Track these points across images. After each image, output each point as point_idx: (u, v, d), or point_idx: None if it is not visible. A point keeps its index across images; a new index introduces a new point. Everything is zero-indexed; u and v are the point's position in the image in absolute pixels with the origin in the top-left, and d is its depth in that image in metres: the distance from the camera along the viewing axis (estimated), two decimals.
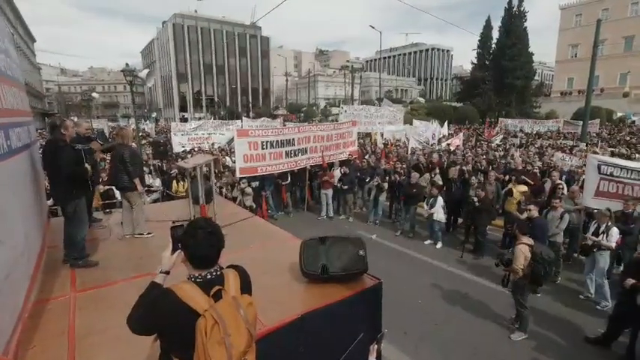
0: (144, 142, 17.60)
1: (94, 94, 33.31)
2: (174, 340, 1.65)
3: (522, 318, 5.12)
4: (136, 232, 4.34)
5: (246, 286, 1.82)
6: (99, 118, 47.23)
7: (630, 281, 4.40)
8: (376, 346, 2.38)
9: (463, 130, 24.65)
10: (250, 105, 68.36)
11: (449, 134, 20.74)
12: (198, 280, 1.68)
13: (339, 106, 21.75)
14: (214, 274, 1.71)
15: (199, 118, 43.82)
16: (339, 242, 3.22)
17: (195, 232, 1.68)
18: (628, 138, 21.09)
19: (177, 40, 66.38)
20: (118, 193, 8.83)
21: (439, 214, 8.20)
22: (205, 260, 1.71)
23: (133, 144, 5.45)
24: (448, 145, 15.80)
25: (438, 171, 10.32)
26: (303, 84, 69.28)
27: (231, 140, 11.09)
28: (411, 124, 20.62)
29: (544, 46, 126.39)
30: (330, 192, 10.57)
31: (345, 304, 2.89)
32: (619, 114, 38.97)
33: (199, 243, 1.66)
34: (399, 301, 5.99)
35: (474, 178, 8.88)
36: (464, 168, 9.97)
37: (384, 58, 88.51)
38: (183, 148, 16.01)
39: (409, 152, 14.34)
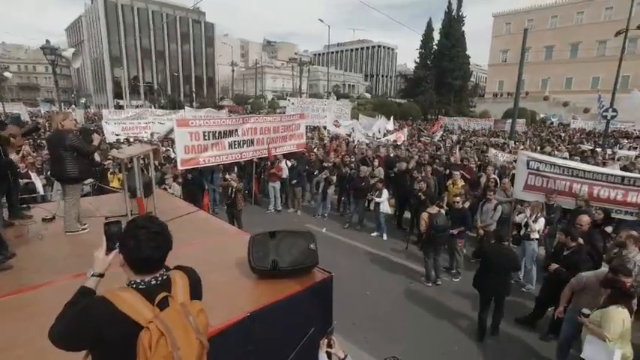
0: None
1: (7, 74, 29.22)
2: (109, 357, 1.41)
3: (426, 268, 6.51)
4: (67, 229, 3.85)
5: (196, 291, 1.63)
6: (13, 101, 41.95)
7: (554, 266, 4.87)
8: (326, 340, 2.33)
9: (407, 126, 25.70)
10: (194, 94, 65.15)
11: (394, 129, 21.48)
12: (140, 286, 1.45)
13: (286, 99, 21.55)
14: (160, 279, 1.49)
15: (137, 107, 40.80)
16: (289, 236, 3.12)
17: (137, 232, 1.44)
18: (548, 137, 23.53)
19: (109, 19, 61.00)
20: (40, 187, 7.93)
21: (385, 206, 8.44)
22: (149, 264, 1.48)
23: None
24: (394, 141, 16.34)
25: (377, 164, 10.62)
26: (250, 75, 67.63)
27: (172, 130, 10.42)
28: (357, 118, 21.06)
29: (479, 49, 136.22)
30: (277, 185, 10.41)
31: (295, 300, 2.81)
32: (541, 115, 43.41)
33: (142, 245, 1.42)
34: (348, 293, 6.06)
35: (415, 172, 9.27)
36: (409, 163, 10.35)
37: (332, 52, 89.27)
38: (117, 138, 14.77)
39: (355, 146, 14.61)
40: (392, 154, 11.59)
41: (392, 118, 24.32)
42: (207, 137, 9.08)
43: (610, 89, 18.76)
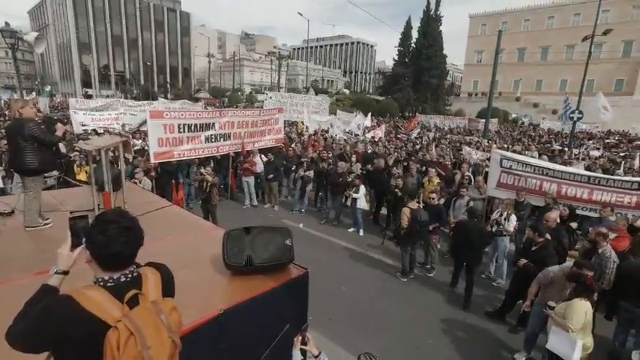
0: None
1: None
2: (73, 357, 1.33)
3: (403, 262, 6.59)
4: (28, 224, 3.62)
5: (168, 288, 1.56)
6: None
7: (523, 261, 5.05)
8: (300, 337, 2.31)
9: (385, 123, 25.96)
10: (168, 85, 63.21)
11: (372, 126, 21.65)
12: (108, 284, 1.38)
13: (264, 93, 21.29)
14: (130, 276, 1.43)
15: (107, 96, 39.20)
16: (265, 232, 3.06)
17: (106, 227, 1.37)
18: (520, 137, 24.39)
19: (77, 3, 58.00)
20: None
21: (362, 202, 8.48)
22: (118, 261, 1.41)
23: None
24: (373, 137, 16.46)
25: (355, 160, 10.67)
26: (228, 67, 66.30)
27: (145, 122, 10.04)
28: (335, 114, 21.08)
29: (456, 49, 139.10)
30: (251, 180, 10.26)
31: (270, 296, 2.77)
32: (513, 115, 44.94)
33: (111, 240, 1.36)
34: (324, 289, 6.06)
35: (395, 168, 9.36)
36: (387, 160, 10.46)
37: (312, 47, 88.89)
38: (84, 129, 14.10)
39: (333, 142, 14.63)
40: (369, 151, 11.67)
41: (370, 114, 24.50)
42: (182, 130, 8.80)
43: (577, 92, 19.59)
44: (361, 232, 8.68)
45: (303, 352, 2.32)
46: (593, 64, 36.68)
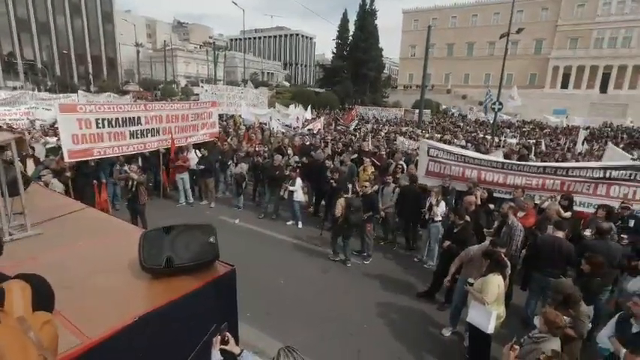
0: None
1: None
2: None
3: (332, 244, 7.12)
4: None
5: (43, 301, 1.36)
6: None
7: (447, 243, 5.42)
8: (219, 337, 2.24)
9: (324, 115, 26.23)
10: (91, 76, 57.53)
11: (312, 118, 21.75)
12: None
13: (200, 86, 20.29)
14: None
15: (14, 88, 34.72)
16: (186, 231, 2.89)
17: None
18: (450, 127, 26.15)
19: None
20: None
21: (299, 194, 8.48)
22: None
23: None
24: (310, 130, 16.53)
25: (292, 153, 10.65)
26: (160, 58, 62.00)
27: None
28: (275, 107, 20.83)
29: (393, 43, 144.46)
30: (185, 176, 9.78)
31: (193, 297, 2.63)
32: (443, 106, 48.01)
33: None
34: (261, 283, 6.00)
35: (328, 161, 9.51)
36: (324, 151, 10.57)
37: (250, 38, 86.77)
38: None
39: (271, 135, 14.46)
40: (307, 143, 11.71)
41: (309, 107, 24.57)
42: (101, 125, 8.06)
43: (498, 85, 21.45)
44: (300, 225, 8.70)
45: (226, 352, 2.24)
46: (511, 60, 40.46)
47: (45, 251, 1.40)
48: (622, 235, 5.47)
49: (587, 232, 5.66)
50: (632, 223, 5.88)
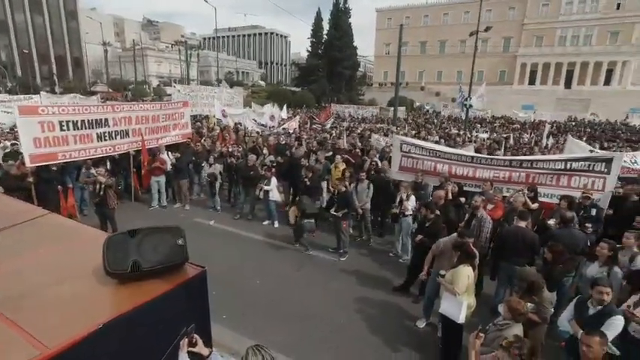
0: None
1: None
2: None
3: (294, 233, 7.47)
4: None
5: None
6: None
7: (419, 237, 5.54)
8: (187, 339, 2.20)
9: (300, 114, 26.19)
10: (55, 77, 54.97)
11: (288, 117, 21.66)
12: None
13: (173, 86, 19.77)
14: None
15: None
16: (153, 233, 2.81)
17: None
18: (424, 123, 26.68)
19: None
20: None
21: (274, 194, 8.45)
22: None
23: None
24: (285, 129, 16.45)
25: (267, 153, 10.59)
26: (129, 58, 60.03)
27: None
28: (250, 107, 20.61)
29: (367, 42, 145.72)
30: (162, 179, 9.55)
31: (161, 301, 2.56)
32: (417, 103, 48.93)
33: None
34: (237, 284, 5.96)
35: (303, 159, 9.51)
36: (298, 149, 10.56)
37: (223, 37, 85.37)
38: None
39: (245, 134, 14.31)
40: (283, 142, 11.66)
41: (285, 106, 24.45)
42: (65, 128, 7.73)
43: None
44: (276, 224, 8.66)
45: (195, 355, 2.21)
46: (482, 58, 41.68)
47: (1, 261, 1.33)
48: (586, 225, 5.76)
49: (552, 222, 5.93)
50: (594, 212, 6.20)
